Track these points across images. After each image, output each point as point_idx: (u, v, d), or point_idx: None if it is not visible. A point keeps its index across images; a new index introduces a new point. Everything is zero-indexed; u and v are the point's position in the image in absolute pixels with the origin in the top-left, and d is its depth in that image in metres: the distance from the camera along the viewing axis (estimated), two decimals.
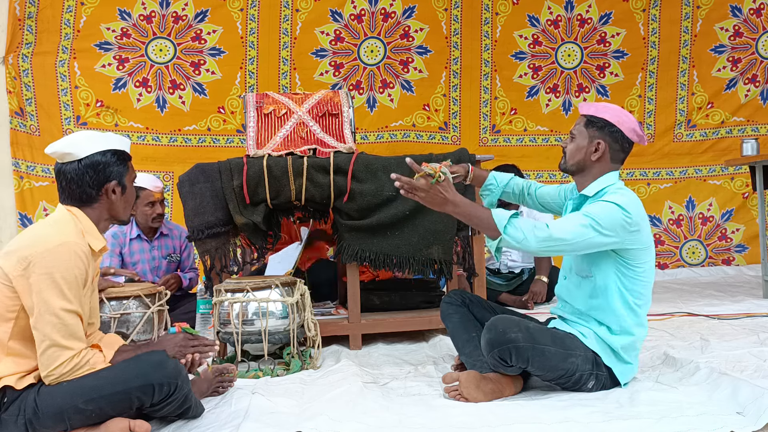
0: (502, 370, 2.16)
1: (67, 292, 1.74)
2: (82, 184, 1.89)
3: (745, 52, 5.77)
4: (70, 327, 1.74)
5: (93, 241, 1.88)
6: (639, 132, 2.22)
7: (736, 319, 3.41)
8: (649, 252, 2.20)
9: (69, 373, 1.75)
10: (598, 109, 2.23)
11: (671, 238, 5.79)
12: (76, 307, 1.76)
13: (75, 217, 1.89)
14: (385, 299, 3.38)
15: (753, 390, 1.95)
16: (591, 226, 2.06)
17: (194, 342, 2.07)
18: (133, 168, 2.02)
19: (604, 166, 2.22)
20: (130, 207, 2.01)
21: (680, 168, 5.84)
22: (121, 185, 1.95)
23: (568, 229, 2.08)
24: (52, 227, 1.83)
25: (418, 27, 5.57)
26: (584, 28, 5.78)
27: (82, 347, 1.78)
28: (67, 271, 1.75)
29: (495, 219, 2.08)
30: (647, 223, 2.19)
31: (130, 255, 3.81)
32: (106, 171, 1.91)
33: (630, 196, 2.16)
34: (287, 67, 5.36)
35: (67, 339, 1.74)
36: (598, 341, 2.18)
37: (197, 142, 5.18)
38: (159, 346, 2.02)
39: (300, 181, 2.94)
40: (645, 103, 5.83)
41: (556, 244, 2.08)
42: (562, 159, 2.30)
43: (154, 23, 5.07)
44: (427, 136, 5.65)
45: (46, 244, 1.76)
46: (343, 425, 1.90)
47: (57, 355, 1.73)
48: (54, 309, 1.72)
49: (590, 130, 2.22)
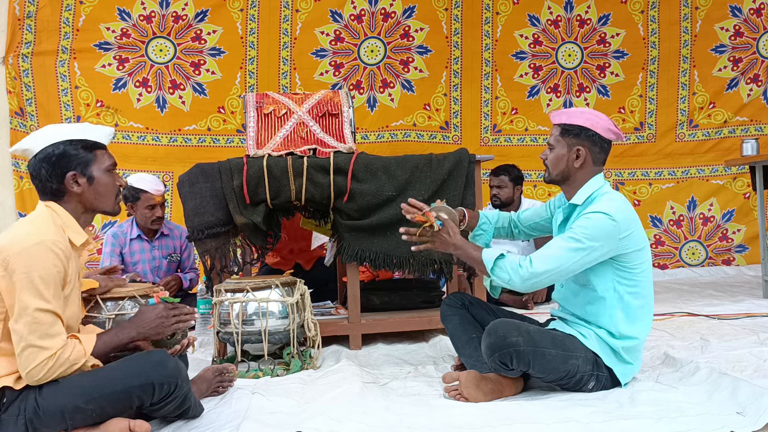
0: (503, 373, 2.16)
1: (44, 291, 1.71)
2: (41, 178, 1.86)
3: (746, 51, 5.77)
4: (44, 327, 1.70)
5: (73, 236, 1.86)
6: (615, 130, 2.23)
7: (736, 319, 3.41)
8: (644, 252, 2.20)
9: (49, 372, 1.72)
10: (570, 116, 2.23)
11: (671, 238, 5.79)
12: (53, 307, 1.73)
13: (54, 212, 1.86)
14: (385, 299, 3.38)
15: (753, 390, 1.95)
16: (580, 248, 2.08)
17: (175, 311, 2.01)
18: (110, 156, 1.94)
19: (587, 170, 2.23)
20: (108, 196, 1.94)
21: (682, 168, 5.83)
22: (86, 175, 1.88)
23: (555, 257, 2.09)
24: (29, 225, 1.80)
25: (419, 27, 5.58)
26: (584, 29, 5.79)
27: (59, 347, 1.73)
28: (45, 270, 1.71)
29: (484, 261, 2.16)
30: (638, 223, 2.19)
31: (131, 255, 3.81)
32: (62, 162, 1.85)
33: (617, 200, 2.17)
34: (287, 67, 5.37)
35: (42, 339, 1.70)
36: (598, 342, 2.18)
37: (197, 142, 5.18)
38: (139, 318, 1.97)
39: (300, 181, 2.94)
40: (646, 103, 5.83)
41: (541, 279, 2.10)
42: (546, 171, 2.30)
43: (154, 23, 5.07)
44: (427, 135, 5.65)
45: (23, 243, 1.72)
46: (343, 425, 1.90)
47: (34, 356, 1.70)
48: (29, 309, 1.69)
49: (567, 138, 2.23)
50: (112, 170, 1.95)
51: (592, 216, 2.10)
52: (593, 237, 2.08)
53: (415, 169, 3.04)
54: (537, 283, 2.12)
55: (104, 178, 1.92)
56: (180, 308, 2.04)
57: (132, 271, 3.79)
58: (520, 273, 2.10)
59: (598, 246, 2.08)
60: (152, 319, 1.97)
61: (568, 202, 2.27)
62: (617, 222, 2.09)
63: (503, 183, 4.37)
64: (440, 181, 3.04)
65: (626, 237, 2.12)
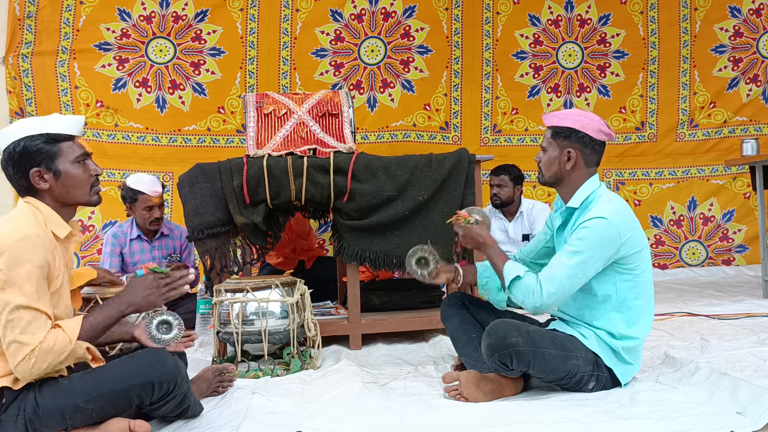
0: (503, 373, 2.16)
1: (26, 287, 1.69)
2: (10, 177, 1.84)
3: (746, 51, 5.77)
4: (25, 322, 1.69)
5: (57, 229, 1.83)
6: (606, 131, 2.23)
7: (736, 319, 3.41)
8: (644, 253, 2.20)
9: (36, 367, 1.69)
10: (561, 118, 2.24)
11: (672, 238, 5.79)
12: (35, 303, 1.70)
13: (34, 207, 1.83)
14: (385, 299, 3.38)
15: (753, 390, 1.95)
16: (583, 261, 2.08)
17: (166, 280, 1.91)
18: (79, 146, 1.87)
19: (580, 172, 2.23)
20: (80, 188, 1.86)
21: (683, 168, 5.83)
22: (52, 170, 1.82)
23: (562, 276, 2.10)
24: (11, 223, 1.78)
25: (419, 26, 5.57)
26: (584, 29, 5.78)
27: (38, 342, 1.69)
28: (29, 265, 1.70)
29: (504, 274, 2.20)
30: (637, 224, 2.19)
31: (131, 255, 3.82)
32: (24, 159, 1.81)
33: (615, 202, 2.17)
34: (287, 67, 5.36)
35: (23, 334, 1.68)
36: (598, 342, 2.18)
37: (197, 142, 5.17)
38: (129, 290, 1.89)
39: (300, 181, 2.94)
40: (647, 103, 5.83)
41: (553, 303, 2.12)
42: (539, 173, 2.31)
43: (154, 23, 5.07)
44: (428, 136, 5.65)
45: (6, 240, 1.71)
46: (343, 425, 1.90)
47: (17, 352, 1.68)
48: (10, 306, 1.68)
49: (558, 141, 2.23)
50: (82, 160, 1.87)
51: (590, 224, 2.10)
52: (594, 245, 2.08)
53: (415, 169, 3.04)
54: (549, 306, 2.15)
55: (72, 170, 1.85)
56: (171, 276, 1.93)
57: (132, 271, 3.80)
58: (533, 300, 2.12)
59: (601, 254, 2.09)
60: (142, 290, 1.87)
61: (565, 206, 2.27)
62: (617, 226, 2.09)
63: (503, 182, 4.37)
64: (440, 181, 3.04)
65: (627, 240, 2.12)
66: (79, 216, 4.68)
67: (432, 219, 3.03)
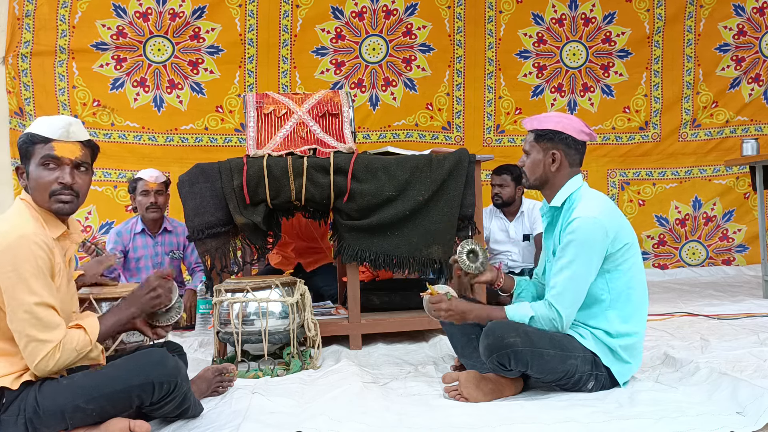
0: (501, 374, 2.17)
1: (34, 285, 1.70)
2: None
3: (749, 51, 5.75)
4: (43, 320, 1.71)
5: (50, 228, 1.84)
6: (587, 131, 2.26)
7: (736, 319, 3.41)
8: (633, 247, 2.21)
9: (57, 364, 1.72)
10: (542, 122, 2.27)
11: (673, 238, 5.78)
12: (47, 299, 1.72)
13: (30, 204, 1.85)
14: (385, 299, 3.38)
15: (753, 390, 1.95)
16: (579, 267, 2.11)
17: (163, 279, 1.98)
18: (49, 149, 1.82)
19: (564, 173, 2.26)
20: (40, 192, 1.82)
21: (685, 168, 5.82)
22: (26, 170, 1.86)
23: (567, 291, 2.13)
24: (6, 223, 1.79)
25: (421, 24, 5.55)
26: (589, 27, 5.75)
27: (60, 337, 1.73)
28: (31, 263, 1.71)
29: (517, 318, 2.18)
30: (623, 219, 2.22)
31: (134, 250, 3.89)
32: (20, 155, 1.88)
33: (597, 199, 2.20)
34: (287, 65, 5.33)
35: (43, 332, 1.70)
36: (596, 342, 2.18)
37: (194, 141, 5.16)
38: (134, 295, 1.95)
39: (300, 181, 2.94)
40: (651, 102, 5.81)
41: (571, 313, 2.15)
42: (524, 177, 2.34)
43: (151, 21, 5.04)
44: (430, 135, 5.63)
45: (5, 240, 1.71)
46: (343, 425, 1.90)
47: (38, 350, 1.70)
48: (25, 305, 1.69)
49: (541, 143, 2.26)
50: (46, 164, 1.83)
51: (575, 226, 2.12)
52: (584, 249, 2.10)
53: (415, 169, 3.04)
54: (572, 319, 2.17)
55: (35, 172, 1.83)
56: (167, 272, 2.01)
57: (135, 267, 3.84)
58: (557, 325, 2.16)
59: (594, 253, 2.11)
60: (146, 292, 1.95)
61: (549, 206, 2.31)
62: (602, 223, 2.11)
63: (505, 182, 4.36)
64: (440, 181, 3.04)
65: (615, 236, 2.14)
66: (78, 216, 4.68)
67: (432, 219, 3.03)
